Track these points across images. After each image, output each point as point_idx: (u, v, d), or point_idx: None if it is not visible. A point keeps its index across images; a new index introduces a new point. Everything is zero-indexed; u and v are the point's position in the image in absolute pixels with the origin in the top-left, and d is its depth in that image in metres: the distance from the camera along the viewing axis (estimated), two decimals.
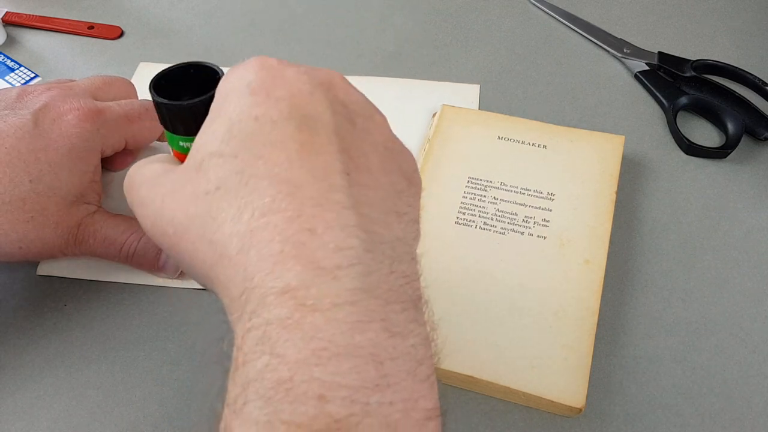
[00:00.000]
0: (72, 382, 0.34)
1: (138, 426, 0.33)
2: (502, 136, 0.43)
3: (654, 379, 0.35)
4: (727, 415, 0.33)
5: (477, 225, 0.39)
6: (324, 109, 0.22)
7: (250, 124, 0.22)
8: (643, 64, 0.50)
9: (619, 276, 0.38)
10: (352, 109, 0.24)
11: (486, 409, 0.34)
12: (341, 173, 0.21)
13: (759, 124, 0.45)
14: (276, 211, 0.20)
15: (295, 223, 0.20)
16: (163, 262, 0.37)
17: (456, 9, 0.56)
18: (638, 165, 0.44)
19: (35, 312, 0.37)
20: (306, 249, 0.19)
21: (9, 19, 0.53)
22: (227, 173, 0.21)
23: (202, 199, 0.22)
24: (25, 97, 0.36)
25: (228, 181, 0.21)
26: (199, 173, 0.22)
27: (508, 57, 0.52)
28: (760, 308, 0.37)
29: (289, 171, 0.21)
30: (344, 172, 0.21)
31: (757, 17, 0.55)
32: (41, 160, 0.34)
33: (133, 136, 0.39)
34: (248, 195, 0.21)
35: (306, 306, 0.18)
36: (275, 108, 0.22)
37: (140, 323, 0.37)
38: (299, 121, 0.22)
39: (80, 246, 0.36)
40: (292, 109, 0.22)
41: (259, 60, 0.23)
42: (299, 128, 0.22)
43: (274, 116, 0.22)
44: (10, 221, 0.33)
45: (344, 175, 0.21)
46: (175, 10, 0.56)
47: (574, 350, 0.33)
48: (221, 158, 0.22)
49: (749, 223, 0.41)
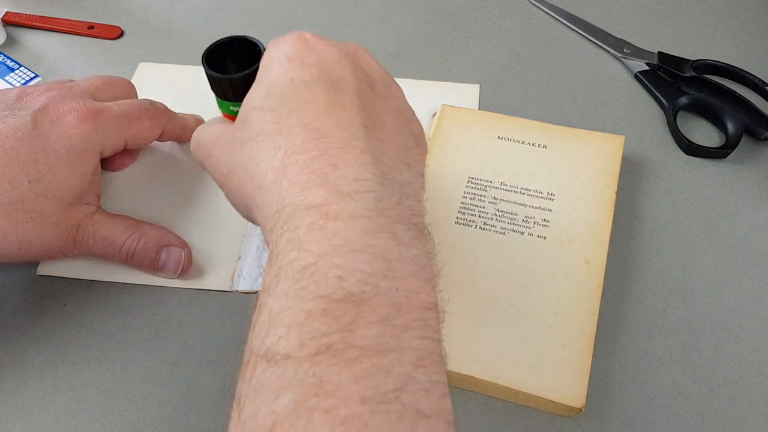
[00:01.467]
0: (72, 382, 0.35)
1: (138, 426, 0.33)
2: (502, 136, 0.43)
3: (654, 379, 0.35)
4: (727, 415, 0.33)
5: (477, 225, 0.39)
6: (348, 75, 0.27)
7: (286, 84, 0.26)
8: (643, 64, 0.50)
9: (619, 276, 0.38)
10: (372, 77, 0.29)
11: (486, 409, 0.34)
12: (361, 126, 0.26)
13: (759, 124, 0.45)
14: (304, 152, 0.25)
15: (320, 160, 0.24)
16: (162, 262, 0.37)
17: (456, 9, 0.56)
18: (638, 165, 0.44)
19: (35, 312, 0.37)
20: (329, 179, 0.24)
21: (9, 19, 0.53)
22: (266, 123, 0.26)
23: (247, 144, 0.27)
24: (25, 98, 0.36)
25: (266, 129, 0.26)
26: (245, 124, 0.27)
27: (508, 57, 0.52)
28: (760, 308, 0.37)
29: (317, 122, 0.25)
30: (363, 126, 0.26)
31: (757, 17, 0.55)
32: (40, 161, 0.34)
33: (133, 136, 0.39)
34: (282, 139, 0.25)
35: (328, 216, 0.22)
36: (308, 72, 0.27)
37: (140, 323, 0.37)
38: (327, 83, 0.26)
39: (80, 246, 0.36)
40: (322, 74, 0.27)
41: (297, 34, 0.29)
42: (327, 89, 0.26)
43: (306, 79, 0.26)
44: (9, 222, 0.33)
45: (363, 128, 0.26)
46: (175, 10, 0.56)
47: (574, 350, 0.33)
48: (262, 111, 0.27)
49: (749, 223, 0.41)
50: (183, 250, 0.37)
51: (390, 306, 0.21)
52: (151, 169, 0.43)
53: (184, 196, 0.42)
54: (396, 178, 0.25)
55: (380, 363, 0.19)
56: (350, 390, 0.18)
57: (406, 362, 0.20)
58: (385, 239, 0.22)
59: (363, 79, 0.28)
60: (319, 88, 0.26)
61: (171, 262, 0.37)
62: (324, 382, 0.18)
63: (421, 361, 0.20)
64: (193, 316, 0.37)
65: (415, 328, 0.21)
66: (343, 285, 0.21)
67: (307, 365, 0.19)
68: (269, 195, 0.25)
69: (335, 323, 0.20)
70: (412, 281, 0.22)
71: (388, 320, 0.20)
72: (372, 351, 0.19)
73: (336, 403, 0.18)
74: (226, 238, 0.40)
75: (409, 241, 0.23)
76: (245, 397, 0.20)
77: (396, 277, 0.21)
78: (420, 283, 0.22)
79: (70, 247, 0.36)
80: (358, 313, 0.20)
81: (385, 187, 0.24)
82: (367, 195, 0.23)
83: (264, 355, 0.20)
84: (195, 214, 0.41)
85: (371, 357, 0.19)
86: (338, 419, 0.18)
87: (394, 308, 0.21)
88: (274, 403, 0.19)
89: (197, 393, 0.34)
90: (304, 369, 0.19)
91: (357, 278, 0.21)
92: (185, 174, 0.43)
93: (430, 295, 0.22)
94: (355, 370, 0.19)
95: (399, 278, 0.21)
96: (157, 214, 0.40)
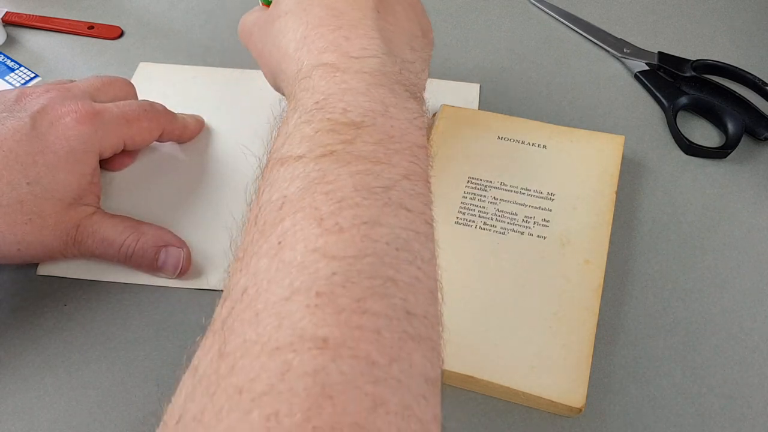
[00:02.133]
0: (72, 382, 0.35)
1: (138, 426, 0.33)
2: (502, 136, 0.43)
3: (654, 379, 0.35)
4: (727, 415, 0.33)
5: (477, 225, 0.39)
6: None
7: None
8: (643, 64, 0.50)
9: (619, 276, 0.38)
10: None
11: (486, 409, 0.34)
12: (373, 9, 0.31)
13: (759, 124, 0.45)
14: (322, 26, 0.30)
15: (335, 33, 0.29)
16: (161, 262, 0.37)
17: (456, 9, 0.56)
18: (638, 165, 0.44)
19: (35, 312, 0.37)
20: (341, 47, 0.29)
21: (9, 19, 0.53)
22: (293, 3, 0.32)
23: (277, 21, 0.33)
24: (24, 99, 0.36)
25: (293, 7, 0.32)
26: (277, 6, 0.33)
27: (508, 57, 0.52)
28: (760, 308, 0.37)
29: (336, 3, 0.31)
30: (375, 9, 0.31)
31: (757, 17, 0.55)
32: (39, 163, 0.34)
33: (132, 137, 0.38)
34: (305, 16, 0.31)
35: (339, 69, 0.27)
36: None
37: (140, 323, 0.37)
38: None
39: (79, 247, 0.36)
40: None
41: None
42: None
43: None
44: (8, 224, 0.33)
45: (375, 11, 0.31)
46: (175, 10, 0.56)
47: (574, 350, 0.33)
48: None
49: (749, 223, 0.41)
50: (182, 250, 0.37)
51: (385, 134, 0.25)
52: (151, 169, 0.43)
53: (184, 196, 0.42)
54: (400, 54, 0.30)
55: (373, 168, 0.23)
56: (346, 181, 0.23)
57: (395, 173, 0.24)
58: (385, 91, 0.27)
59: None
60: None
61: (170, 262, 0.37)
62: (326, 175, 0.23)
63: (408, 175, 0.24)
64: (193, 316, 0.37)
65: (405, 154, 0.25)
66: (347, 114, 0.25)
67: (313, 164, 0.23)
68: (292, 61, 0.30)
69: (339, 137, 0.24)
70: (405, 124, 0.26)
71: (383, 143, 0.25)
72: (367, 159, 0.24)
73: (334, 189, 0.22)
74: (226, 238, 0.40)
75: (405, 97, 0.27)
76: (262, 190, 0.24)
77: (392, 117, 0.26)
78: (412, 127, 0.26)
79: (69, 248, 0.36)
80: (358, 134, 0.24)
81: (388, 58, 0.29)
82: (372, 60, 0.28)
83: (279, 159, 0.24)
84: (195, 214, 0.41)
85: (365, 163, 0.23)
86: (335, 198, 0.22)
87: (388, 136, 0.25)
88: (285, 189, 0.23)
89: None
90: (310, 166, 0.23)
91: (359, 111, 0.25)
92: (185, 174, 0.43)
93: (420, 138, 0.26)
94: (351, 170, 0.23)
95: (394, 119, 0.26)
96: (156, 214, 0.40)
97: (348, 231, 0.21)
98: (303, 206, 0.22)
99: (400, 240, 0.22)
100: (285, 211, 0.22)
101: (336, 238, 0.21)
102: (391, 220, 0.22)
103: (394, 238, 0.22)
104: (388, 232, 0.22)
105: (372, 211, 0.22)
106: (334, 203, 0.22)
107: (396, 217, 0.22)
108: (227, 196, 0.42)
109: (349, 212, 0.21)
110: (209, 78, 0.49)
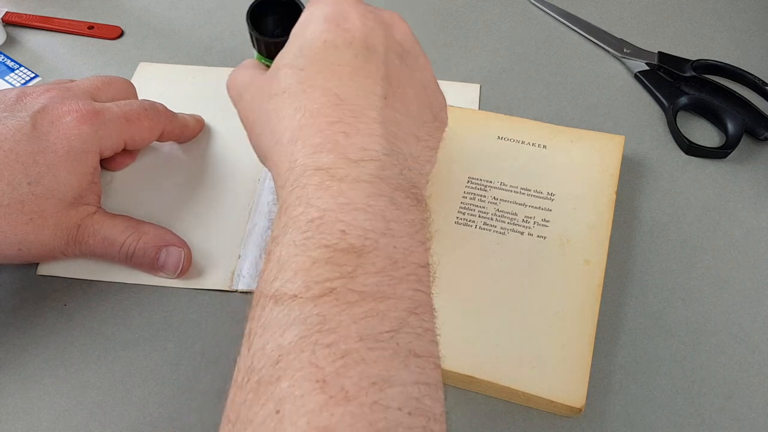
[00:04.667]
0: (72, 382, 0.35)
1: (138, 426, 0.33)
2: (502, 136, 0.43)
3: (654, 379, 0.35)
4: (727, 415, 0.33)
5: (477, 225, 0.39)
6: (380, 43, 0.28)
7: (318, 45, 0.28)
8: (643, 64, 0.50)
9: (619, 276, 0.38)
10: (404, 48, 0.30)
11: (486, 409, 0.34)
12: (380, 96, 0.27)
13: (759, 124, 0.45)
14: (322, 116, 0.26)
15: (334, 127, 0.26)
16: (162, 262, 0.37)
17: (456, 9, 0.56)
18: (638, 165, 0.44)
19: (35, 312, 0.37)
20: (339, 145, 0.25)
21: (9, 19, 0.53)
22: (293, 81, 0.28)
23: (273, 99, 0.28)
24: (24, 99, 0.36)
25: (292, 87, 0.28)
26: (274, 80, 0.29)
27: (508, 57, 0.52)
28: (760, 308, 0.37)
29: (339, 87, 0.27)
30: (382, 96, 0.27)
31: (757, 17, 0.55)
32: (39, 163, 0.34)
33: (132, 137, 0.38)
34: (304, 100, 0.27)
35: (335, 178, 0.24)
36: (341, 36, 0.28)
37: (140, 323, 0.37)
38: (357, 50, 0.28)
39: (80, 247, 0.36)
40: (354, 39, 0.28)
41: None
42: (355, 55, 0.27)
43: (338, 42, 0.28)
44: (9, 224, 0.33)
45: (382, 98, 0.27)
46: (175, 10, 0.56)
47: (574, 350, 0.33)
48: (291, 69, 0.28)
49: (749, 223, 0.41)
50: (182, 249, 0.37)
51: (388, 259, 0.23)
52: (151, 169, 0.43)
53: (184, 196, 0.42)
54: (403, 150, 0.27)
55: (377, 307, 0.21)
56: (350, 329, 0.20)
57: (401, 309, 0.22)
58: (385, 202, 0.24)
59: (393, 49, 0.29)
60: (347, 54, 0.27)
61: (170, 261, 0.37)
62: (326, 321, 0.20)
63: (415, 309, 0.22)
64: (193, 316, 0.37)
65: (409, 281, 0.23)
66: (346, 238, 0.23)
67: (312, 305, 0.21)
68: (284, 152, 0.27)
69: (338, 270, 0.22)
70: (408, 241, 0.24)
71: (386, 271, 0.22)
72: (371, 296, 0.21)
73: (337, 339, 0.20)
74: (226, 238, 0.40)
75: (406, 207, 0.25)
76: (254, 333, 0.22)
77: (394, 236, 0.23)
78: (414, 244, 0.24)
79: (70, 248, 0.36)
80: (359, 263, 0.22)
81: (389, 158, 0.26)
82: (372, 163, 0.25)
83: (272, 296, 0.22)
84: (195, 214, 0.41)
85: (370, 302, 0.21)
86: (338, 352, 0.20)
87: (391, 262, 0.23)
88: (281, 337, 0.20)
89: (197, 393, 0.34)
90: (308, 308, 0.21)
91: (359, 233, 0.23)
92: (185, 174, 0.43)
93: (423, 255, 0.24)
94: (355, 312, 0.21)
95: (396, 237, 0.23)
96: (157, 214, 0.40)
97: (356, 399, 0.19)
98: (303, 364, 0.19)
99: (413, 401, 0.20)
100: (281, 367, 0.20)
101: (343, 411, 0.18)
102: (402, 374, 0.20)
103: (406, 399, 0.20)
104: (400, 393, 0.20)
105: (380, 366, 0.20)
106: (338, 359, 0.19)
107: (406, 369, 0.20)
108: (227, 196, 0.42)
109: (355, 370, 0.19)
110: (209, 78, 0.49)
